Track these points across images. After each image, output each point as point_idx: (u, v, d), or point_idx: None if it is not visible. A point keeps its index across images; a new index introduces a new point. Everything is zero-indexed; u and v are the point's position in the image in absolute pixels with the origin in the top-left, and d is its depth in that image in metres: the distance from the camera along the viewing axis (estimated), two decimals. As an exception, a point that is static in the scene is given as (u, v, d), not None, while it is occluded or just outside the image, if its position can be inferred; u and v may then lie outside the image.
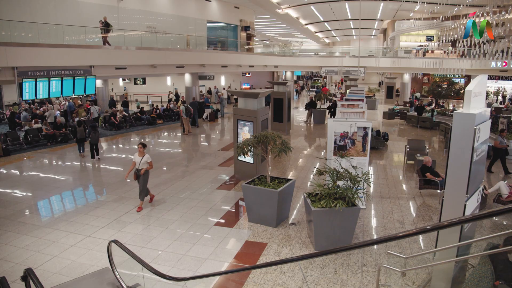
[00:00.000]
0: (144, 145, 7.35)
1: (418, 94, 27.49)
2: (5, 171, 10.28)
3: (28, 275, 4.20)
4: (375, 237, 6.19)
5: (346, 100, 12.46)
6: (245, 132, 8.57)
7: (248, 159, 8.45)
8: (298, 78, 45.42)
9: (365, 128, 7.00)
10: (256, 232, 6.33)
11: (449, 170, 3.95)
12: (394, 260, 5.11)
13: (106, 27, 13.29)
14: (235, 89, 27.60)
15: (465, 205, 3.88)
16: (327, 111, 18.70)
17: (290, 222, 6.64)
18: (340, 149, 7.05)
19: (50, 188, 8.78)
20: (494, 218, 6.65)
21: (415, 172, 9.03)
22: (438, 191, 7.95)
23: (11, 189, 8.78)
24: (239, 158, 8.17)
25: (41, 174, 10.09)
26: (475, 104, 3.98)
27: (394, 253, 4.01)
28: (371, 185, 5.94)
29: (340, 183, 5.72)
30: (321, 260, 5.35)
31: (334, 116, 16.68)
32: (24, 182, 9.44)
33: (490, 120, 4.37)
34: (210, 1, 21.96)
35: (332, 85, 41.25)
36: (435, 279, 4.30)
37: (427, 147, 11.43)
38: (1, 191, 8.62)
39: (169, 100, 24.17)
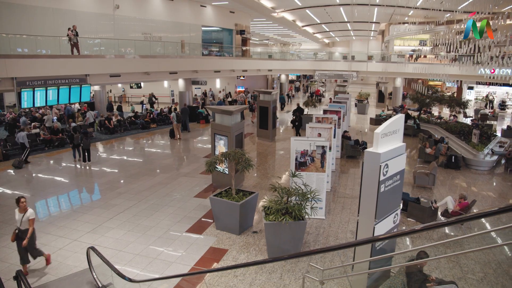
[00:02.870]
0: (24, 199, 6.00)
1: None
2: (4, 175, 11.22)
3: (19, 276, 5.12)
4: (325, 246, 7.02)
5: (325, 112, 13.24)
6: (221, 146, 9.40)
7: (222, 169, 9.31)
8: (297, 78, 45.93)
9: (323, 147, 7.79)
10: (220, 239, 7.19)
11: (361, 199, 4.77)
12: (337, 269, 5.93)
13: (75, 35, 13.87)
14: (229, 92, 28.38)
15: (374, 227, 4.71)
16: (291, 125, 17.40)
17: (252, 231, 7.50)
18: (301, 166, 7.86)
19: (45, 194, 9.69)
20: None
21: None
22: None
23: (11, 192, 9.72)
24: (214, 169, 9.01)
25: (37, 179, 11.03)
26: (387, 142, 4.77)
27: (315, 265, 4.83)
28: (318, 201, 6.73)
29: (293, 198, 6.53)
30: (271, 266, 6.20)
31: (299, 129, 16.73)
32: (22, 186, 10.37)
33: (405, 154, 5.15)
34: (205, 6, 22.63)
35: (323, 86, 41.71)
36: (354, 286, 5.13)
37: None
38: (0, 196, 9.56)
39: (141, 102, 24.81)
